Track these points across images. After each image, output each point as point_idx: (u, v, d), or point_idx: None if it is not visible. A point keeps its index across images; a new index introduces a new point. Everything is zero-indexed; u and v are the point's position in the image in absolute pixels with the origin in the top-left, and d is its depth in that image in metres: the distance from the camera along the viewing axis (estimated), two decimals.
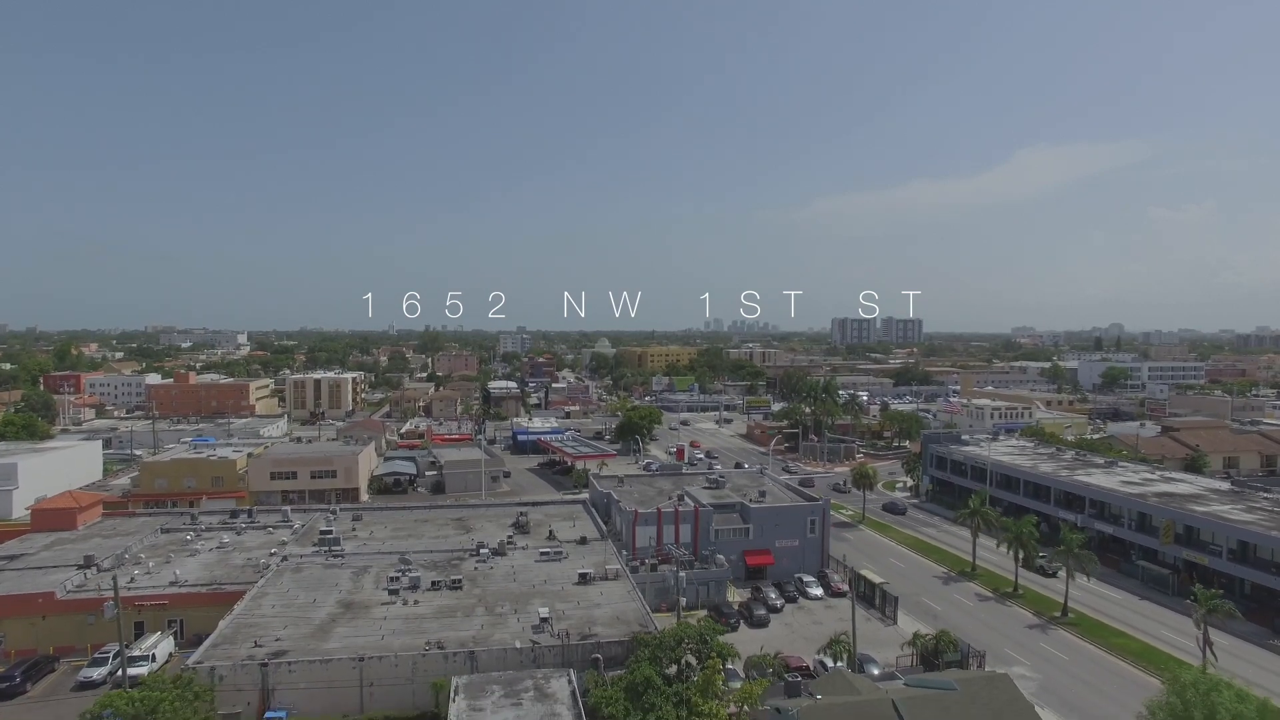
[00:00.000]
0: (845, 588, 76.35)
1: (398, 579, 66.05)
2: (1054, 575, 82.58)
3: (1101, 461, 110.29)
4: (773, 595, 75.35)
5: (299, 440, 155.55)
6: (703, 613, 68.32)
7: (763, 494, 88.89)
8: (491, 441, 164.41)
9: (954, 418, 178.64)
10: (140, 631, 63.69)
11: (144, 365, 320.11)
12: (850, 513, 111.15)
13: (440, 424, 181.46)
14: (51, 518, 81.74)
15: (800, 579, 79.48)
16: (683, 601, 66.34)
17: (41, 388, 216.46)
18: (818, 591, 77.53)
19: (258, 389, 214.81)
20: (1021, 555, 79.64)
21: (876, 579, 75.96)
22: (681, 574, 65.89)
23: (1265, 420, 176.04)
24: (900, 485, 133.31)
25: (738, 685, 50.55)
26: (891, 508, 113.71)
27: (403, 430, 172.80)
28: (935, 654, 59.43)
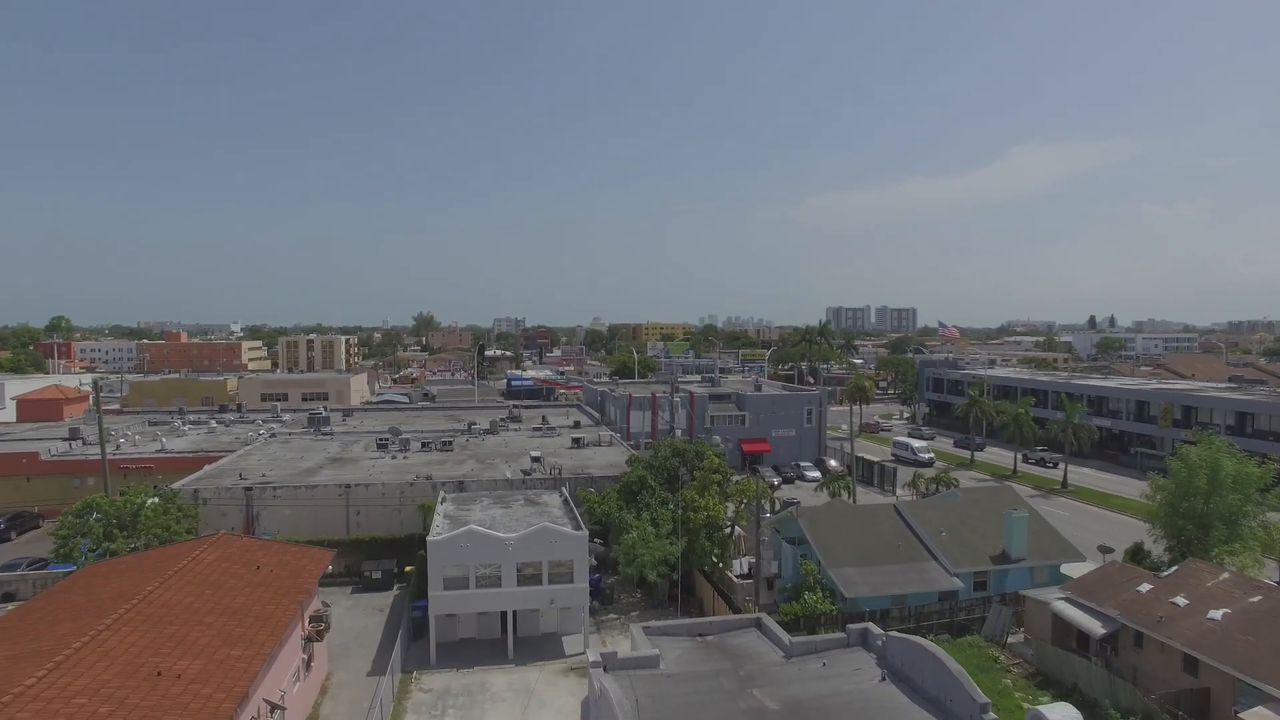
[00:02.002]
0: (844, 470, 75.48)
1: (387, 442, 65.07)
2: (1053, 466, 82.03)
3: (1100, 375, 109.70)
4: (769, 474, 74.46)
5: None
6: None
7: (759, 388, 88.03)
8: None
9: (950, 351, 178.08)
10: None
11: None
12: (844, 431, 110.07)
13: (435, 373, 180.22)
14: (37, 408, 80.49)
15: (798, 464, 78.63)
16: None
17: (31, 349, 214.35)
18: (815, 474, 76.67)
19: (250, 349, 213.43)
20: (1019, 450, 79.32)
21: (874, 458, 75.22)
22: (678, 431, 64.97)
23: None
24: (897, 416, 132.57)
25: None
26: (916, 434, 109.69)
27: (396, 376, 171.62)
28: (936, 494, 58.68)
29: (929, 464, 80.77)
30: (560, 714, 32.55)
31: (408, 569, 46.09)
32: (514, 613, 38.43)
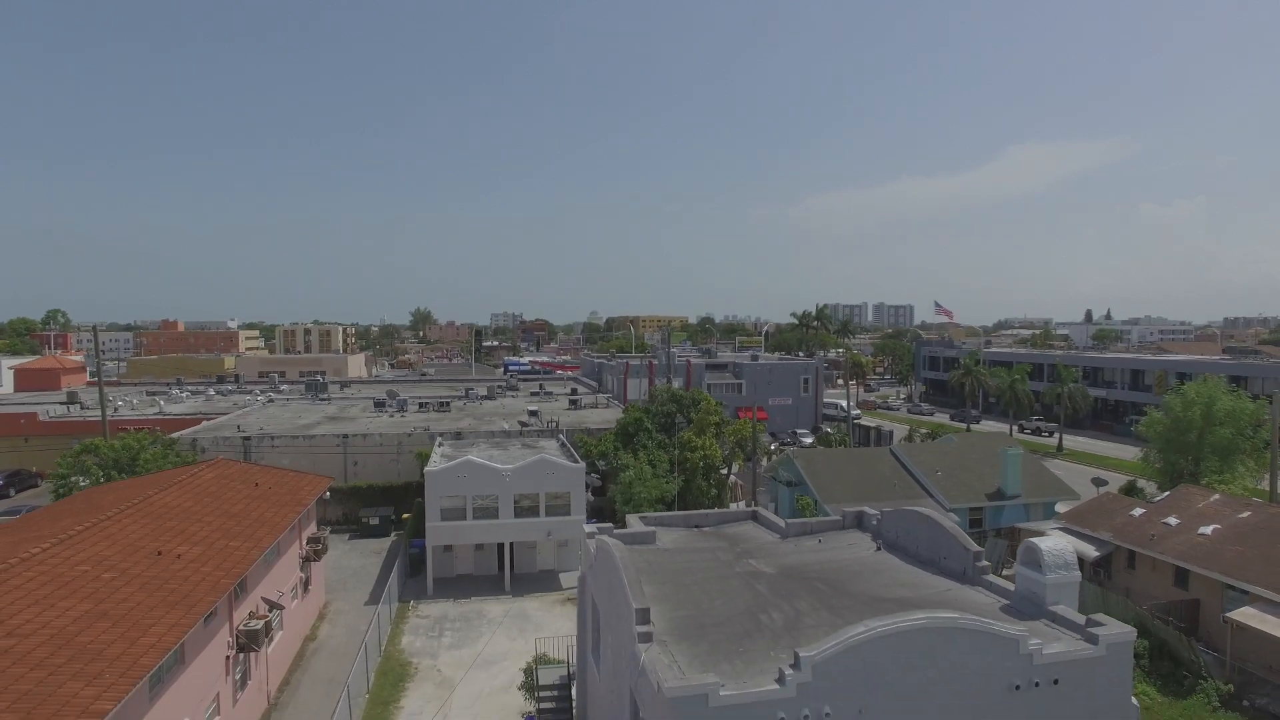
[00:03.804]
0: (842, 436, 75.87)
1: (384, 402, 65.27)
2: (1048, 435, 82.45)
3: (1097, 352, 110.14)
4: (765, 438, 74.74)
5: None
6: None
7: (755, 359, 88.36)
8: None
9: (946, 332, 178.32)
10: None
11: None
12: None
13: (432, 360, 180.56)
14: (35, 377, 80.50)
15: (794, 432, 78.96)
16: None
17: (28, 338, 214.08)
18: (810, 440, 76.97)
19: (248, 337, 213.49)
20: (1014, 420, 79.64)
21: (871, 423, 75.57)
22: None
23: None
24: (894, 395, 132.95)
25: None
26: (918, 410, 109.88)
27: (393, 361, 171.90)
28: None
29: (857, 419, 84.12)
30: (558, 635, 32.76)
31: (405, 516, 46.34)
32: (511, 547, 38.68)
